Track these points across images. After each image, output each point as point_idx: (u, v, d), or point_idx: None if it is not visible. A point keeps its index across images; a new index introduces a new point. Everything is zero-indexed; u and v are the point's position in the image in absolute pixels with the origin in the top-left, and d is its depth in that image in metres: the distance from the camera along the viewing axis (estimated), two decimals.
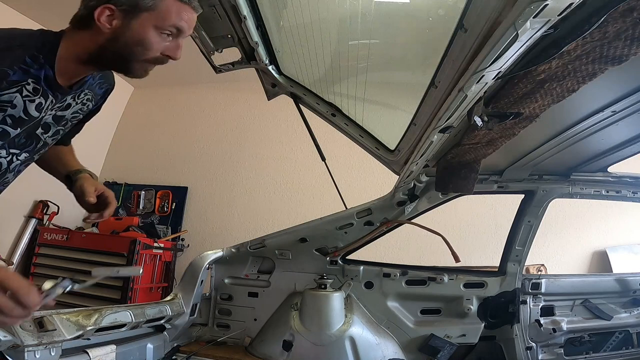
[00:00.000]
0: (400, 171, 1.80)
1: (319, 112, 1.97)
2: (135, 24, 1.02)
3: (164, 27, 1.05)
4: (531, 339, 1.94)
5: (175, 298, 1.79)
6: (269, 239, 2.01)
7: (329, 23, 1.46)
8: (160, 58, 1.09)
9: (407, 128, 1.56)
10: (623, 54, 0.91)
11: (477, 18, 0.91)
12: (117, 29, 1.02)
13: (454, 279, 1.97)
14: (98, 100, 1.30)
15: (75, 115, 1.23)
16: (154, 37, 1.05)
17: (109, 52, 1.05)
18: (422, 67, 1.33)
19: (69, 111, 1.19)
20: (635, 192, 2.00)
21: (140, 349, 1.53)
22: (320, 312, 1.83)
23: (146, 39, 1.04)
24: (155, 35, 1.04)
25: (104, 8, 1.00)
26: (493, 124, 1.24)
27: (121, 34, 1.02)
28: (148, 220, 4.69)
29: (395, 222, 1.99)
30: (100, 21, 1.01)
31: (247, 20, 1.43)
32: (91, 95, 1.24)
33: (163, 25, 1.04)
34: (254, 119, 5.08)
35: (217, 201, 4.90)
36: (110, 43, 1.04)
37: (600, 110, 1.35)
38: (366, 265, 2.02)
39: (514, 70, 1.01)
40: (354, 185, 4.13)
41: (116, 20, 1.01)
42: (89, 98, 1.24)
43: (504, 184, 2.03)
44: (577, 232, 4.12)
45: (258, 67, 1.82)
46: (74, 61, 1.07)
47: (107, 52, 1.05)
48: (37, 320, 1.03)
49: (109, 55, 1.06)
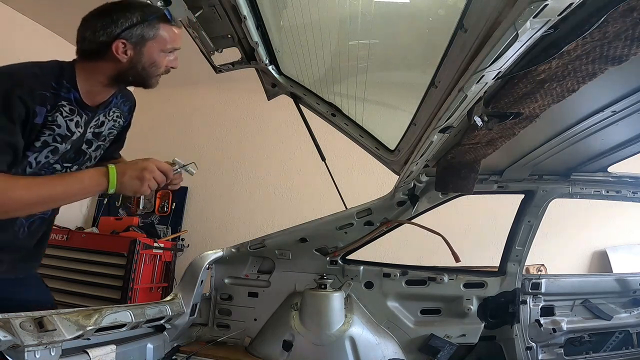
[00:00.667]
0: (400, 171, 1.80)
1: (319, 112, 1.97)
2: (145, 52, 1.30)
3: (166, 50, 1.35)
4: (531, 339, 1.94)
5: (175, 298, 1.79)
6: (269, 239, 2.01)
7: (329, 23, 1.46)
8: (166, 69, 1.40)
9: (407, 128, 1.56)
10: (623, 54, 0.91)
11: (477, 18, 0.91)
12: (133, 57, 1.29)
13: (454, 279, 1.97)
14: (126, 116, 1.56)
15: (111, 131, 1.50)
16: (161, 58, 1.35)
17: (130, 75, 1.33)
18: (422, 67, 1.33)
19: (104, 128, 1.46)
20: (635, 192, 2.00)
21: (140, 349, 1.53)
22: (320, 312, 1.83)
23: (157, 61, 1.34)
24: (162, 56, 1.35)
25: (118, 43, 1.25)
26: (493, 124, 1.24)
27: (137, 61, 1.30)
28: (148, 220, 4.69)
29: (395, 222, 1.99)
30: (118, 53, 1.26)
31: (247, 20, 1.43)
32: (119, 113, 1.51)
33: (165, 48, 1.34)
34: (254, 119, 5.08)
35: (217, 201, 4.90)
36: (130, 68, 1.31)
37: (600, 110, 1.35)
38: (366, 265, 2.02)
39: (514, 70, 1.02)
40: (354, 185, 4.13)
41: (129, 50, 1.28)
42: (118, 115, 1.51)
43: (504, 184, 2.03)
44: (577, 232, 4.12)
45: (258, 67, 1.82)
46: (96, 85, 1.33)
47: (128, 75, 1.33)
48: (37, 320, 1.03)
49: (130, 77, 1.34)
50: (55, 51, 4.26)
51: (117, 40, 1.25)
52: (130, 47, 1.27)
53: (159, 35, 1.31)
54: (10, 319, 0.97)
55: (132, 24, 1.26)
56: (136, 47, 1.28)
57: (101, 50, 1.26)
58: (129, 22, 1.26)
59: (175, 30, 1.35)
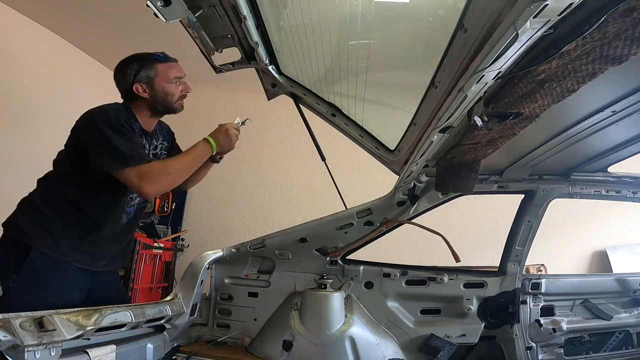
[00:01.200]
0: (400, 171, 1.80)
1: (319, 112, 1.97)
2: (157, 86, 1.74)
3: (170, 81, 1.76)
4: (531, 339, 1.94)
5: (175, 298, 1.79)
6: (269, 239, 2.01)
7: (329, 23, 1.46)
8: (183, 95, 1.82)
9: (407, 128, 1.56)
10: (623, 54, 0.91)
11: (477, 18, 0.91)
12: (151, 93, 1.74)
13: (454, 279, 1.97)
14: (169, 139, 2.01)
15: (162, 152, 1.95)
16: (172, 88, 1.77)
17: (158, 106, 1.77)
18: (422, 67, 1.33)
19: (158, 150, 1.91)
20: (635, 192, 2.00)
21: (140, 349, 1.53)
22: (320, 312, 1.83)
23: (168, 91, 1.76)
24: (171, 87, 1.77)
25: (137, 86, 1.72)
26: (493, 124, 1.24)
27: (154, 95, 1.74)
28: (148, 220, 4.68)
29: (395, 222, 1.99)
30: (140, 93, 1.72)
31: (247, 20, 1.42)
32: (162, 138, 1.95)
33: (170, 79, 1.76)
34: (253, 119, 5.06)
35: (217, 201, 4.90)
36: (155, 101, 1.75)
37: (600, 110, 1.34)
38: (366, 265, 2.02)
39: (514, 70, 1.01)
40: (354, 185, 4.13)
41: (147, 89, 1.73)
42: (162, 139, 1.95)
43: (504, 184, 2.03)
44: (577, 232, 4.12)
45: (258, 67, 1.82)
46: (144, 117, 1.78)
47: (157, 106, 1.77)
48: (37, 320, 1.03)
49: (159, 107, 1.78)
50: (55, 51, 4.27)
51: (135, 84, 1.71)
52: (145, 86, 1.72)
53: (159, 72, 1.74)
54: (10, 319, 0.97)
55: (137, 71, 1.71)
56: (149, 85, 1.73)
57: (130, 94, 1.74)
58: (135, 70, 1.72)
59: (171, 64, 1.78)
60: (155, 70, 1.73)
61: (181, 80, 1.80)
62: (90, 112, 1.67)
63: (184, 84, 1.81)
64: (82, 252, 1.67)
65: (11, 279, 1.51)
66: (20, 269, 1.53)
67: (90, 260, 1.70)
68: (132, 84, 1.71)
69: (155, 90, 1.73)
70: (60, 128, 4.07)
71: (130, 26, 3.86)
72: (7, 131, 3.76)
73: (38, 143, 3.93)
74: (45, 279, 1.58)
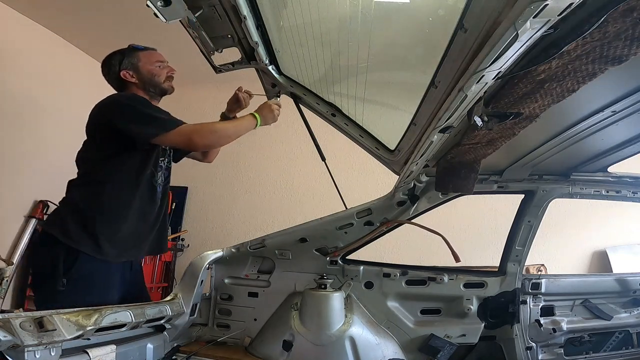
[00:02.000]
0: (400, 171, 1.80)
1: (319, 112, 1.97)
2: (141, 69, 1.89)
3: (153, 64, 1.91)
4: (531, 339, 1.94)
5: (175, 298, 1.79)
6: (269, 239, 2.01)
7: (329, 23, 1.46)
8: (169, 76, 1.97)
9: (407, 128, 1.56)
10: (623, 54, 0.90)
11: (477, 18, 0.91)
12: (137, 77, 1.88)
13: (454, 279, 1.97)
14: None
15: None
16: (155, 70, 1.91)
17: (148, 88, 1.92)
18: (422, 67, 1.33)
19: None
20: (635, 192, 2.00)
21: (140, 349, 1.53)
22: (320, 312, 1.83)
23: (154, 72, 1.91)
24: (155, 69, 1.91)
25: (123, 73, 1.86)
26: (493, 124, 1.24)
27: (141, 78, 1.89)
28: None
29: (395, 222, 1.99)
30: (128, 79, 1.87)
31: (247, 20, 1.42)
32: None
33: (152, 63, 1.91)
34: None
35: (217, 201, 4.90)
36: (144, 83, 1.90)
37: (600, 110, 1.34)
38: (366, 265, 2.02)
39: (514, 70, 1.01)
40: (354, 185, 4.13)
41: (133, 73, 1.88)
42: None
43: (504, 184, 2.03)
44: (577, 232, 4.12)
45: (258, 67, 1.83)
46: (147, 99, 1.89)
47: (147, 89, 1.91)
48: (37, 320, 1.03)
49: (150, 89, 1.92)
50: (55, 51, 4.27)
51: (122, 71, 1.86)
52: (132, 72, 1.87)
53: (141, 58, 1.90)
54: (10, 319, 0.97)
55: (121, 60, 1.87)
56: (135, 70, 1.88)
57: (120, 83, 1.89)
58: (118, 60, 1.88)
59: (151, 51, 1.95)
60: (137, 57, 1.88)
61: (164, 64, 1.94)
62: (111, 98, 1.80)
63: (167, 67, 1.95)
64: (125, 246, 1.77)
65: (61, 283, 1.59)
66: (69, 273, 1.60)
67: (134, 252, 1.85)
68: (118, 72, 1.85)
69: (142, 74, 1.87)
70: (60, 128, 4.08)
71: (129, 25, 3.86)
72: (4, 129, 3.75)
73: (38, 142, 3.94)
74: (92, 282, 1.66)
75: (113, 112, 1.73)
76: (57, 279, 1.59)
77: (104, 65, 1.91)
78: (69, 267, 1.61)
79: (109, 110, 1.74)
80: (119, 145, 1.72)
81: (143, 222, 1.83)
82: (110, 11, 3.76)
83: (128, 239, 1.77)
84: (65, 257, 1.62)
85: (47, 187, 4.11)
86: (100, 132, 1.76)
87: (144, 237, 1.86)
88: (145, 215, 1.84)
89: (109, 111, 1.74)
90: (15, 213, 3.90)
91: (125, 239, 1.76)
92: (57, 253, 1.62)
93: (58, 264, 1.60)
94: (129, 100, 1.78)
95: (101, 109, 1.77)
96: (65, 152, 4.52)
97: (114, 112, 1.73)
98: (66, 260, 1.62)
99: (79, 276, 1.62)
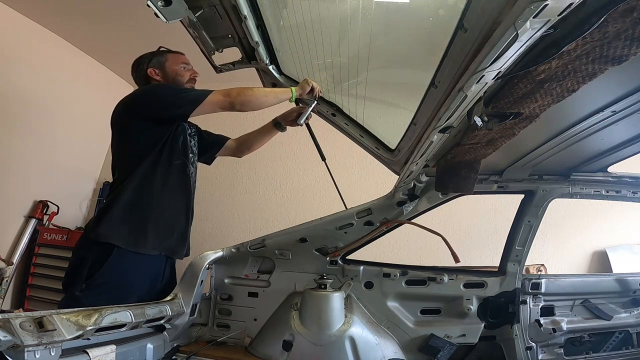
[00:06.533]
0: (400, 171, 1.80)
1: (319, 112, 1.97)
2: (167, 69, 2.04)
3: (178, 64, 2.05)
4: (531, 339, 1.94)
5: (175, 298, 1.79)
6: (269, 239, 2.01)
7: (329, 23, 1.46)
8: (192, 78, 2.08)
9: (407, 128, 1.56)
10: (623, 54, 0.91)
11: (477, 18, 0.91)
12: (162, 75, 2.03)
13: (454, 279, 1.97)
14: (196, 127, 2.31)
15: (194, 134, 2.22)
16: (180, 71, 2.05)
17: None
18: (422, 67, 1.33)
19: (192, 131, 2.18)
20: (635, 192, 2.00)
21: (140, 349, 1.53)
22: (320, 312, 1.83)
23: (178, 73, 2.04)
24: (180, 70, 2.05)
25: (150, 70, 2.03)
26: (493, 124, 1.24)
27: (165, 77, 2.03)
28: None
29: (395, 222, 1.99)
30: (153, 76, 2.03)
31: (248, 20, 1.43)
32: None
33: (177, 63, 2.06)
34: (253, 119, 5.06)
35: (217, 201, 4.89)
36: (168, 81, 2.02)
37: (600, 110, 1.34)
38: (366, 265, 2.02)
39: (514, 70, 1.01)
40: (354, 185, 4.14)
41: (159, 72, 2.03)
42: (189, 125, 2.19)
43: (504, 184, 2.03)
44: (577, 232, 4.12)
45: (258, 66, 1.83)
46: None
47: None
48: (37, 320, 1.03)
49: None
50: (55, 51, 4.26)
51: (149, 69, 2.03)
52: (158, 70, 2.03)
53: (168, 58, 2.06)
54: (10, 319, 0.97)
55: (150, 59, 2.04)
56: (161, 68, 2.03)
57: (146, 80, 2.04)
58: (148, 59, 2.04)
59: (178, 54, 2.09)
60: (165, 57, 2.05)
61: (188, 67, 2.08)
62: (140, 89, 1.99)
63: (191, 70, 2.08)
64: (169, 241, 1.88)
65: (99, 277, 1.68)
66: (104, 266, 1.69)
67: (175, 247, 1.93)
68: (146, 70, 2.02)
69: (166, 73, 2.02)
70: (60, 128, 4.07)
71: (130, 26, 3.86)
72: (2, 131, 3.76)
73: (39, 142, 3.94)
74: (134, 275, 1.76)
75: (146, 102, 1.85)
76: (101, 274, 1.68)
77: (134, 63, 2.06)
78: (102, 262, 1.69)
79: (142, 101, 1.87)
80: (153, 134, 1.84)
81: (177, 211, 1.97)
82: (117, 18, 3.76)
83: (167, 230, 1.88)
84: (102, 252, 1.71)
85: (47, 187, 4.12)
86: (137, 121, 1.84)
87: (177, 228, 1.96)
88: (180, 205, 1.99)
89: (141, 102, 1.86)
90: (15, 213, 3.90)
91: (165, 229, 1.86)
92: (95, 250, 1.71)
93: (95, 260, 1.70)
94: (158, 86, 1.96)
95: (134, 99, 1.89)
96: (66, 152, 4.53)
97: (146, 102, 1.85)
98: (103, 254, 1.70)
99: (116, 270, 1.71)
